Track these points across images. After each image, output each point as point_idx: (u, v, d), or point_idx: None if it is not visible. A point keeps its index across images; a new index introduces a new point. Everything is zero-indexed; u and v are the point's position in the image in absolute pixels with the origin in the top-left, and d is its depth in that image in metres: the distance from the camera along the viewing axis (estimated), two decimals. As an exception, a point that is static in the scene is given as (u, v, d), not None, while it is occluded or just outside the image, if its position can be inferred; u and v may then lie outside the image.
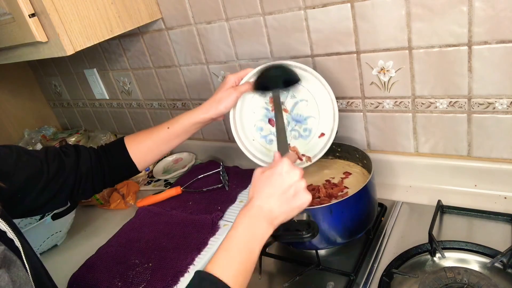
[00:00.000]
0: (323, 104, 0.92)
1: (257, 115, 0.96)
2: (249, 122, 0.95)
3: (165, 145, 0.93)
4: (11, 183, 0.75)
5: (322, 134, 0.93)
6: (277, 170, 0.68)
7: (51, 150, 0.85)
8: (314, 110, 0.93)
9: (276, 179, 0.68)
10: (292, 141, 0.94)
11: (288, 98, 0.95)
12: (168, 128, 0.92)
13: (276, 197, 0.67)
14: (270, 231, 0.66)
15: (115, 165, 0.91)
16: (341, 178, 0.99)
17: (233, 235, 0.64)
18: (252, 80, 0.91)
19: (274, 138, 0.95)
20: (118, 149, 0.92)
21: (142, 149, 0.92)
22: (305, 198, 0.68)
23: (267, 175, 0.69)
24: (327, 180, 1.00)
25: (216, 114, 0.90)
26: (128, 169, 0.93)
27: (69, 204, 1.13)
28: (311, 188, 0.97)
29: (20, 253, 0.64)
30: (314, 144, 0.93)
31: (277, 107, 0.86)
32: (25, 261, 0.64)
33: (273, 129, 0.95)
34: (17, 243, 0.64)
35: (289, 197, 0.67)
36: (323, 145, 0.92)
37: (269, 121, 0.95)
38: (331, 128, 0.92)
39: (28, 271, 0.64)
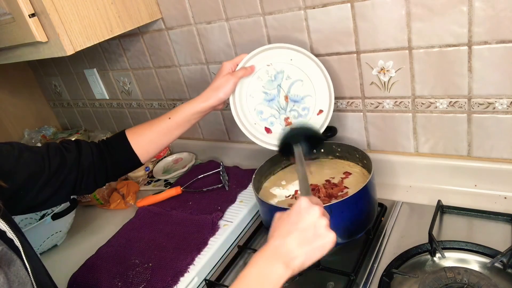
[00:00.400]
0: (318, 82, 0.96)
1: (256, 99, 0.97)
2: (249, 106, 0.97)
3: (167, 135, 0.93)
4: (13, 181, 0.75)
5: (321, 111, 0.96)
6: (295, 209, 0.63)
7: (53, 146, 0.85)
8: (310, 89, 0.96)
9: (294, 218, 0.62)
10: (292, 121, 0.96)
11: (283, 80, 0.97)
12: (169, 118, 0.92)
13: (294, 236, 0.60)
14: (287, 274, 0.59)
15: (117, 159, 0.91)
16: (341, 178, 0.99)
17: (245, 275, 0.59)
18: (277, 143, 0.93)
19: (275, 120, 0.97)
20: (120, 142, 0.91)
21: (144, 140, 0.92)
22: (329, 237, 0.62)
23: (285, 216, 0.64)
24: (327, 180, 1.00)
25: (216, 101, 0.91)
26: (131, 161, 0.92)
27: (70, 200, 1.13)
28: (311, 188, 0.97)
29: (20, 252, 0.64)
30: (313, 122, 0.95)
31: (299, 161, 0.84)
32: (25, 260, 0.64)
33: (274, 112, 0.97)
34: (17, 242, 0.64)
35: (309, 236, 0.61)
36: (323, 121, 0.95)
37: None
38: (328, 104, 0.95)
39: (29, 270, 0.64)
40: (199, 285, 0.92)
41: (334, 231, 0.85)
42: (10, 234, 0.64)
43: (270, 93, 0.97)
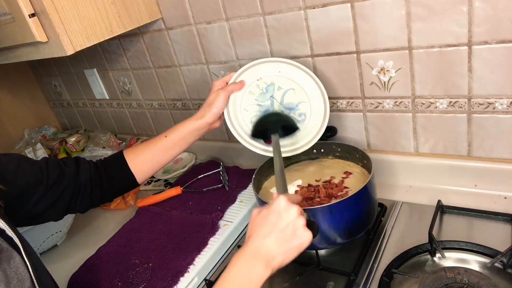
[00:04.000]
0: (309, 88, 0.98)
1: (251, 112, 0.99)
2: (245, 120, 0.98)
3: (163, 154, 0.93)
4: (11, 190, 0.75)
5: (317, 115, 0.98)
6: (274, 208, 0.65)
7: (52, 160, 0.85)
8: (303, 95, 0.98)
9: (272, 218, 0.64)
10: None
11: (275, 91, 0.99)
12: (165, 136, 0.92)
13: (273, 236, 0.62)
14: (267, 274, 0.61)
15: (114, 177, 0.91)
16: (342, 178, 0.99)
17: (227, 276, 0.60)
18: (252, 125, 0.97)
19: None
20: (117, 161, 0.92)
21: (141, 160, 0.92)
22: (305, 237, 0.64)
23: (264, 214, 0.65)
24: (327, 180, 1.00)
25: (211, 117, 0.92)
26: (127, 181, 0.92)
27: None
28: (312, 189, 0.97)
29: (20, 250, 0.64)
30: (312, 125, 0.96)
31: (276, 151, 0.86)
32: (25, 257, 0.64)
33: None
34: (16, 240, 0.64)
35: (288, 236, 0.63)
36: (320, 124, 0.97)
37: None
38: (324, 107, 0.97)
39: (29, 267, 0.64)
40: (199, 285, 0.92)
41: (334, 231, 0.86)
42: (9, 232, 0.64)
43: (264, 104, 0.99)
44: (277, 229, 0.63)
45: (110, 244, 1.09)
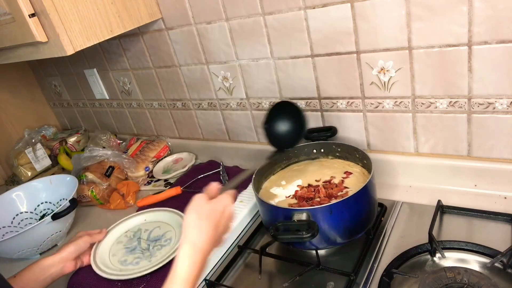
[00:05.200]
0: (173, 220, 1.09)
1: (118, 255, 1.03)
2: (113, 262, 1.01)
3: None
4: None
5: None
6: (218, 210, 0.69)
7: None
8: (167, 226, 1.09)
9: (215, 220, 0.68)
10: (156, 253, 1.01)
11: (142, 233, 1.09)
12: (14, 277, 0.85)
13: (213, 239, 0.67)
14: (206, 261, 0.66)
15: None
16: (342, 178, 0.99)
17: (176, 272, 0.63)
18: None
19: (140, 258, 1.01)
20: None
21: None
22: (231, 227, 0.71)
23: (208, 213, 0.68)
24: (327, 180, 1.00)
25: (67, 254, 0.93)
26: None
27: (70, 200, 1.13)
28: (312, 189, 0.97)
29: None
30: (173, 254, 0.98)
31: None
32: None
33: (137, 255, 1.02)
34: None
35: (221, 232, 0.69)
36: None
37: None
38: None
39: None
40: (199, 285, 0.92)
41: (334, 231, 0.86)
42: None
43: (131, 246, 1.06)
44: (217, 232, 0.69)
45: (110, 244, 1.09)
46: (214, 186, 0.74)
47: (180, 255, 0.64)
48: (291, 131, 0.95)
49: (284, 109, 0.94)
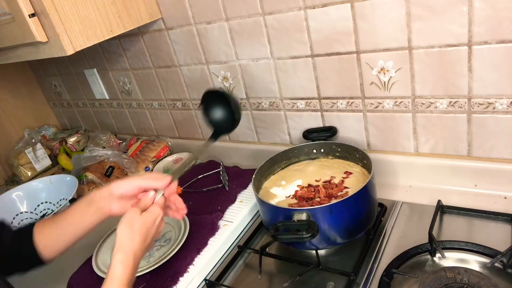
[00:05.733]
0: (173, 219, 1.03)
1: None
2: None
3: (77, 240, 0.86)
4: None
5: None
6: (148, 223, 0.74)
7: None
8: (168, 226, 1.08)
9: (146, 234, 0.74)
10: (154, 253, 1.01)
11: None
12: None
13: (141, 244, 0.72)
14: (137, 265, 0.72)
15: (16, 251, 0.80)
16: (342, 178, 0.99)
17: (113, 276, 0.68)
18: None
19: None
20: (23, 233, 0.82)
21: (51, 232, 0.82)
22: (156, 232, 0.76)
23: (140, 227, 0.73)
24: (327, 180, 1.00)
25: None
26: (28, 257, 0.80)
27: (70, 200, 1.13)
28: (312, 189, 0.97)
29: None
30: (178, 245, 0.98)
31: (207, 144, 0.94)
32: None
33: None
34: None
35: (149, 240, 0.75)
36: (181, 236, 1.00)
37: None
38: (184, 225, 1.03)
39: None
40: (198, 285, 0.92)
41: (334, 231, 0.86)
42: None
43: None
44: (143, 238, 0.74)
45: (110, 244, 1.09)
46: (148, 198, 0.78)
47: (114, 262, 0.69)
48: (224, 117, 0.93)
49: (218, 97, 0.93)
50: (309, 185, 0.99)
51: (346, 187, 0.95)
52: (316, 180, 1.01)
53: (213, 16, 1.11)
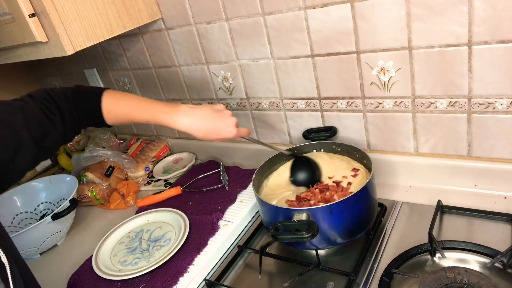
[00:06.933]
0: (174, 219, 1.10)
1: (119, 256, 1.04)
2: (114, 262, 1.02)
3: (136, 122, 0.97)
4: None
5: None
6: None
7: (32, 116, 0.79)
8: (168, 227, 1.09)
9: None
10: (154, 253, 1.01)
11: (143, 233, 1.10)
12: (147, 121, 0.92)
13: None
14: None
15: (82, 109, 0.89)
16: (352, 176, 0.97)
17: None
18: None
19: (139, 259, 1.01)
20: (93, 97, 0.90)
21: (116, 113, 0.91)
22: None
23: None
24: (338, 181, 0.98)
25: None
26: (94, 117, 0.90)
27: (70, 200, 1.13)
28: (318, 191, 0.96)
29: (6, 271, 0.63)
30: (178, 245, 0.99)
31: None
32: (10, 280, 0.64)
33: (137, 255, 1.02)
34: (4, 259, 0.64)
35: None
36: (181, 236, 1.01)
37: None
38: (184, 226, 1.04)
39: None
40: (198, 285, 0.92)
41: (334, 231, 0.86)
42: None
43: (132, 246, 1.06)
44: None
45: (110, 244, 1.09)
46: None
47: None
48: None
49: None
50: (310, 187, 0.99)
51: (351, 192, 0.94)
52: (329, 177, 1.00)
53: (213, 16, 1.11)
